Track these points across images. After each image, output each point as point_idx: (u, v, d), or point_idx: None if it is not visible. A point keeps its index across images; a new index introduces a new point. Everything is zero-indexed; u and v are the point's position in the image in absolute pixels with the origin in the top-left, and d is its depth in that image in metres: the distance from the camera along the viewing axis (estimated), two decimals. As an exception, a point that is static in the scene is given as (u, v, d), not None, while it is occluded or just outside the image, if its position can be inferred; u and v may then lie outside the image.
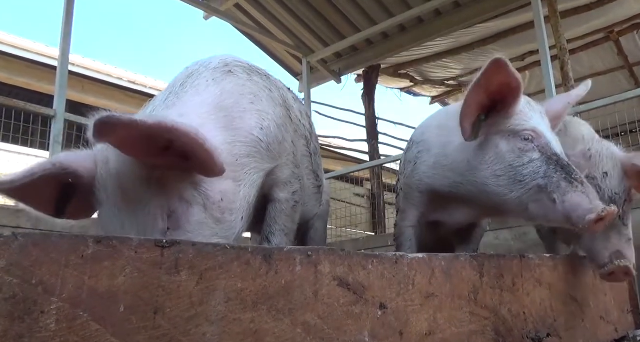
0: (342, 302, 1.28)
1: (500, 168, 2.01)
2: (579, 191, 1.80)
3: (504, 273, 1.81)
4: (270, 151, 1.94)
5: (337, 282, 1.28)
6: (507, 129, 2.04)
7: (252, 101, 1.96)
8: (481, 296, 1.68)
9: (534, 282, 1.94)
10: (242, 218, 1.74)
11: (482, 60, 8.74)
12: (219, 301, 1.05)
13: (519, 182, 1.95)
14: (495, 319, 1.71)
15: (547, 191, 1.87)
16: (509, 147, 2.01)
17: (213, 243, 1.08)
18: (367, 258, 1.37)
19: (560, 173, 1.88)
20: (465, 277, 1.65)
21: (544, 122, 2.08)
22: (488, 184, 2.06)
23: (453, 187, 2.25)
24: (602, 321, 2.37)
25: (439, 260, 1.58)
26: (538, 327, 1.91)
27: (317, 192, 2.67)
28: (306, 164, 2.43)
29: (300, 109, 2.55)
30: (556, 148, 1.98)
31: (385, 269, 1.41)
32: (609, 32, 8.27)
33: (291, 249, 1.21)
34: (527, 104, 2.10)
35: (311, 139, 2.55)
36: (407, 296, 1.44)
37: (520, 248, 5.16)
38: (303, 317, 1.19)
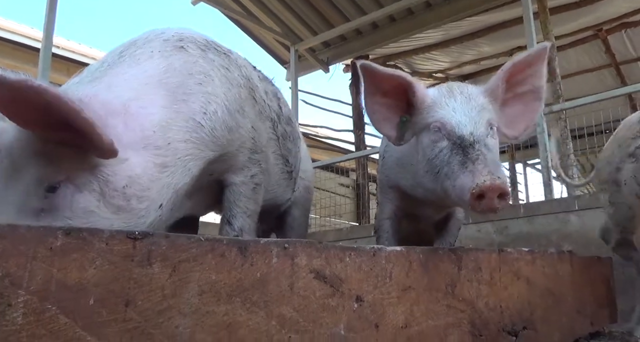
0: (319, 294, 1.27)
1: (426, 164, 1.94)
2: (467, 171, 1.67)
3: (482, 266, 1.82)
4: (215, 138, 1.82)
5: (314, 274, 1.28)
6: (423, 124, 1.98)
7: (201, 82, 1.83)
8: (458, 289, 1.69)
9: (512, 276, 1.96)
10: (159, 206, 1.62)
11: (470, 54, 8.81)
12: (192, 294, 1.04)
13: (436, 175, 1.85)
14: (471, 312, 1.73)
15: (447, 177, 1.78)
16: (426, 142, 1.95)
17: (187, 235, 1.07)
18: (345, 251, 1.37)
19: (458, 156, 1.75)
20: (443, 270, 1.66)
21: (466, 106, 1.92)
22: (424, 184, 2.01)
23: (412, 189, 2.22)
24: (578, 314, 2.39)
25: (417, 253, 1.58)
26: (514, 321, 1.92)
27: (288, 177, 2.59)
28: (273, 148, 2.35)
29: (268, 89, 2.43)
30: (463, 130, 1.84)
31: (362, 262, 1.41)
32: (598, 30, 8.30)
33: (268, 241, 1.20)
34: (447, 91, 2.00)
35: (279, 121, 2.44)
36: (384, 288, 1.45)
37: (501, 241, 5.20)
38: (278, 310, 1.18)
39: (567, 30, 8.04)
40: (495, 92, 2.01)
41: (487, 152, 1.73)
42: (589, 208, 4.76)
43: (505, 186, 1.58)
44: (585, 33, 8.38)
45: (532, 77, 2.07)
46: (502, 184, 1.57)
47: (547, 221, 5.00)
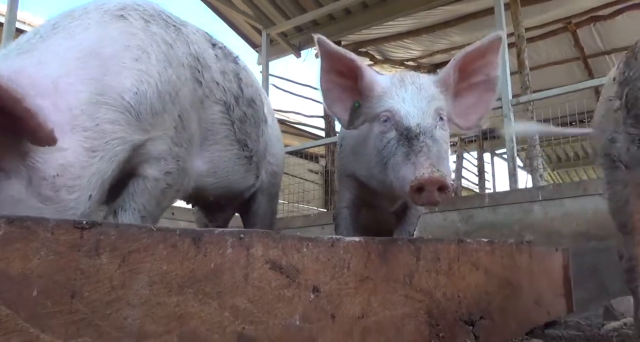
0: (274, 285, 1.27)
1: (376, 155, 1.90)
2: (410, 163, 1.65)
3: (441, 257, 1.83)
4: (140, 121, 1.69)
5: (270, 265, 1.27)
6: (373, 113, 1.95)
7: (137, 57, 1.69)
8: (416, 280, 1.71)
9: (470, 266, 1.98)
10: (89, 197, 1.52)
11: (442, 43, 8.84)
12: (142, 285, 1.02)
13: (385, 166, 1.82)
14: (429, 302, 1.74)
15: (393, 169, 1.75)
16: (376, 132, 1.92)
17: (138, 225, 1.05)
18: (302, 241, 1.36)
19: (403, 148, 1.72)
20: (401, 260, 1.67)
21: (416, 96, 1.89)
22: (375, 174, 1.97)
23: (367, 179, 2.17)
24: (535, 304, 2.44)
25: (376, 244, 1.58)
26: (472, 310, 1.95)
27: (247, 163, 2.49)
28: (224, 133, 2.24)
29: (228, 68, 2.30)
30: (410, 121, 1.80)
31: (320, 253, 1.41)
32: (567, 23, 8.42)
33: (222, 231, 1.19)
34: (399, 80, 1.96)
35: (237, 104, 2.32)
36: (342, 279, 1.45)
37: (467, 230, 5.28)
38: (232, 301, 1.17)
39: (538, 22, 8.13)
40: (447, 82, 1.98)
41: (433, 144, 1.70)
42: (552, 199, 4.86)
43: (445, 179, 1.56)
44: (555, 26, 8.49)
45: (485, 67, 2.05)
46: (441, 177, 1.55)
47: (511, 211, 5.09)
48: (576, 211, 4.74)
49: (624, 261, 2.52)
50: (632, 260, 2.48)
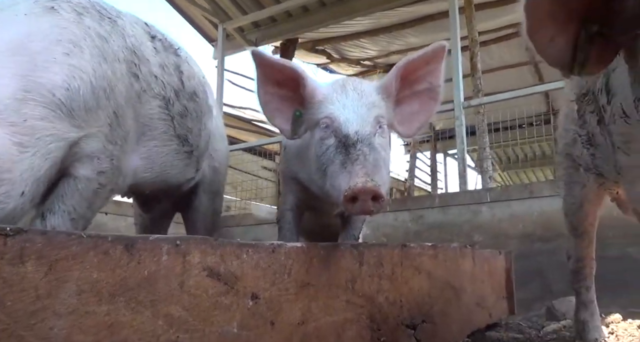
0: (211, 293, 1.25)
1: (316, 161, 1.88)
2: (345, 172, 1.63)
3: (384, 262, 1.85)
4: (73, 118, 1.64)
5: (207, 272, 1.25)
6: (314, 120, 1.93)
7: (69, 52, 1.63)
8: (359, 285, 1.71)
9: (413, 270, 2.00)
10: (21, 193, 1.47)
11: (398, 44, 8.91)
12: (70, 293, 0.99)
13: (324, 173, 1.79)
14: (371, 307, 1.75)
15: (330, 177, 1.73)
16: (316, 138, 1.90)
17: (67, 232, 1.01)
18: (242, 247, 1.35)
19: (341, 156, 1.70)
20: (344, 266, 1.67)
21: (357, 102, 1.88)
22: (315, 180, 1.95)
23: (309, 183, 2.15)
24: (477, 307, 2.49)
25: (318, 249, 1.58)
26: (414, 314, 1.97)
27: (187, 157, 2.45)
28: (163, 129, 2.20)
29: (168, 61, 2.25)
30: (349, 128, 1.78)
31: (260, 259, 1.39)
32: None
33: (158, 237, 1.16)
34: (340, 87, 1.95)
35: (177, 98, 2.27)
36: (282, 285, 1.44)
37: (417, 230, 5.35)
38: (166, 309, 1.15)
39: (491, 26, 8.28)
40: (389, 89, 1.97)
41: (370, 152, 1.69)
42: (500, 200, 4.97)
43: (378, 189, 1.54)
44: (508, 30, 8.65)
45: (429, 76, 2.05)
46: (375, 187, 1.54)
47: (460, 212, 5.17)
48: (523, 213, 4.85)
49: (572, 262, 2.59)
50: (580, 261, 2.56)
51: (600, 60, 1.20)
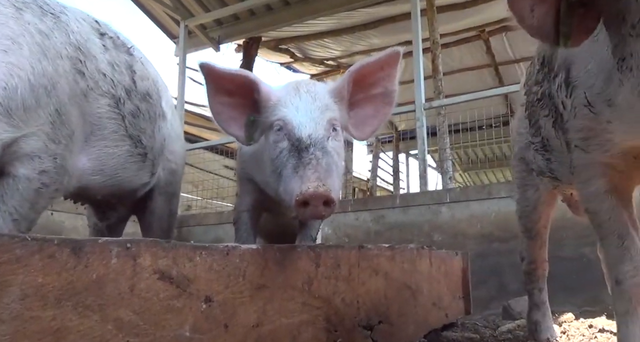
0: (162, 296, 1.23)
1: (270, 164, 1.88)
2: (297, 176, 1.64)
3: (341, 263, 1.85)
4: (11, 118, 1.59)
5: (159, 275, 1.23)
6: (267, 123, 1.93)
7: (7, 49, 1.58)
8: (315, 286, 1.71)
9: (370, 272, 2.01)
10: None
11: (361, 45, 8.96)
12: (13, 298, 0.96)
13: (279, 176, 1.79)
14: (327, 309, 1.75)
15: (283, 181, 1.74)
16: (269, 142, 1.90)
17: (11, 234, 0.98)
18: (195, 250, 1.33)
19: (293, 159, 1.71)
20: (300, 267, 1.67)
21: (310, 105, 1.88)
22: (270, 182, 1.94)
23: (265, 185, 2.16)
24: (434, 307, 2.52)
25: (274, 251, 1.57)
26: (370, 315, 1.98)
27: (140, 160, 2.40)
28: (113, 128, 2.15)
29: (119, 60, 2.20)
30: (302, 131, 1.78)
31: (214, 261, 1.38)
32: (481, 31, 8.74)
33: (107, 240, 1.14)
34: (294, 89, 1.95)
35: (128, 97, 2.22)
36: (236, 288, 1.43)
37: (378, 230, 5.39)
38: (115, 313, 1.13)
39: (452, 29, 8.40)
40: (342, 92, 1.98)
41: (323, 156, 1.69)
42: (459, 201, 5.04)
43: (330, 194, 1.55)
44: (469, 33, 8.80)
45: (384, 80, 2.06)
46: (326, 192, 1.54)
47: (420, 212, 5.23)
48: (481, 213, 4.94)
49: (525, 263, 2.65)
50: (532, 263, 2.61)
51: (583, 30, 1.23)
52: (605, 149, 1.63)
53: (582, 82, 1.58)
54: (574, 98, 1.63)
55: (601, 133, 1.60)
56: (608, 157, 1.65)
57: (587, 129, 1.64)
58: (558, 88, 1.74)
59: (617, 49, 1.23)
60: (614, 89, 1.40)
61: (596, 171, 1.71)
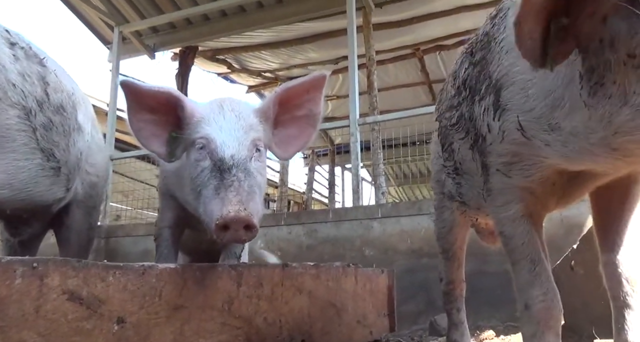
0: (71, 317, 1.18)
1: (190, 181, 1.87)
2: (218, 198, 1.63)
3: (264, 282, 1.83)
4: None
5: (67, 296, 1.18)
6: (189, 140, 1.92)
7: None
8: (236, 306, 1.69)
9: (294, 290, 2.00)
10: None
11: (299, 58, 9.00)
12: None
13: (199, 194, 1.77)
14: (248, 329, 1.73)
15: (203, 201, 1.72)
16: (191, 159, 1.89)
17: None
18: (108, 269, 1.29)
19: (215, 180, 1.70)
20: (221, 287, 1.64)
21: (234, 124, 1.89)
22: (189, 200, 1.94)
23: (185, 202, 2.14)
24: (358, 324, 2.53)
25: (194, 270, 1.55)
26: (293, 334, 1.97)
27: (54, 174, 2.34)
28: (23, 140, 2.10)
29: (30, 71, 2.15)
30: (225, 151, 1.78)
31: (129, 281, 1.34)
32: (415, 49, 8.93)
33: (11, 260, 1.09)
34: (218, 107, 1.95)
35: (40, 109, 2.17)
36: (152, 308, 1.39)
37: (310, 244, 5.39)
38: (18, 335, 1.08)
39: (388, 46, 8.55)
40: (267, 113, 2.00)
41: (245, 178, 1.69)
42: (390, 216, 5.11)
43: (251, 219, 1.55)
44: (404, 51, 8.98)
45: (309, 103, 2.09)
46: (247, 217, 1.54)
47: (353, 226, 5.26)
48: (411, 229, 5.01)
49: (443, 283, 2.70)
50: (450, 284, 2.66)
51: (561, 53, 1.26)
52: (527, 174, 1.66)
53: (516, 105, 1.57)
54: (504, 121, 1.63)
55: (528, 157, 1.62)
56: (528, 182, 1.68)
57: (512, 154, 1.66)
58: (484, 111, 1.74)
59: (594, 74, 1.23)
60: (563, 114, 1.40)
61: (514, 195, 1.74)
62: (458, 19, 7.85)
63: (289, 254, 5.12)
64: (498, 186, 1.78)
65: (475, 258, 4.04)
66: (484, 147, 1.79)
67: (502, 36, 1.63)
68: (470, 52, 1.92)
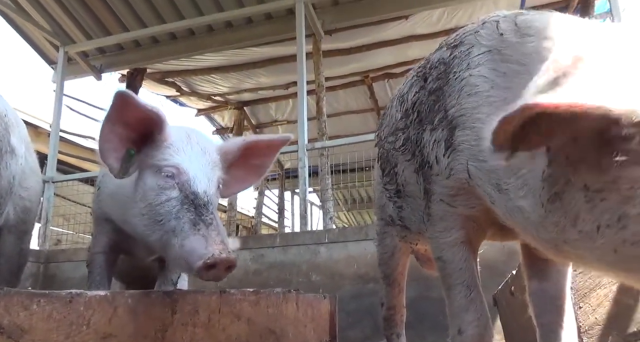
0: (-11, 348, 1.13)
1: (144, 206, 1.85)
2: (199, 235, 1.67)
3: (200, 309, 1.80)
4: None
5: (-14, 326, 1.13)
6: (153, 164, 1.90)
7: None
8: (170, 334, 1.65)
9: (232, 317, 1.97)
10: None
11: (249, 82, 9.02)
12: None
13: (157, 223, 1.78)
14: (182, 357, 1.69)
15: (174, 233, 1.73)
16: (152, 184, 1.87)
17: None
18: (33, 297, 1.25)
19: (190, 214, 1.73)
20: (154, 315, 1.60)
21: (202, 158, 1.93)
22: (136, 224, 1.92)
23: (123, 223, 2.12)
24: (300, 351, 2.50)
25: (125, 298, 1.51)
26: (230, 362, 1.93)
27: None
28: None
29: None
30: (199, 186, 1.82)
31: (54, 309, 1.30)
32: (365, 76, 9.10)
33: None
34: (186, 137, 1.97)
35: None
36: (79, 337, 1.35)
37: (257, 269, 5.35)
38: None
39: (338, 72, 8.68)
40: (229, 154, 2.06)
41: (216, 215, 1.75)
42: (337, 241, 5.13)
43: (235, 260, 1.64)
44: (353, 78, 9.13)
45: (265, 156, 2.21)
46: (234, 259, 1.64)
47: (300, 251, 5.25)
48: (358, 254, 5.03)
49: (384, 309, 2.71)
50: (391, 309, 2.68)
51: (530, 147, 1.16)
52: (472, 204, 1.68)
53: (469, 150, 1.57)
54: (453, 160, 1.63)
55: (473, 192, 1.62)
56: (473, 211, 1.70)
57: (457, 188, 1.67)
58: (434, 142, 1.73)
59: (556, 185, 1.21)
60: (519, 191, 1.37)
61: (456, 222, 1.75)
62: (407, 47, 8.06)
63: (234, 279, 5.05)
64: (440, 213, 1.79)
65: (419, 284, 4.09)
66: (429, 175, 1.79)
67: (464, 75, 1.61)
68: (423, 77, 1.92)
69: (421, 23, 7.54)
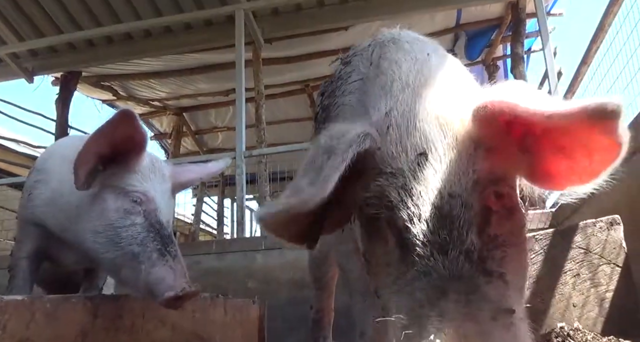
0: None
1: (102, 224, 1.92)
2: (167, 265, 1.81)
3: (124, 314, 1.81)
4: None
5: None
6: (120, 186, 1.96)
7: None
8: (91, 339, 1.66)
9: (157, 322, 1.99)
10: None
11: (188, 88, 8.94)
12: None
13: (116, 244, 1.86)
14: (104, 362, 1.70)
15: (138, 259, 1.82)
16: (115, 205, 1.93)
17: None
18: (-56, 302, 1.24)
19: (156, 243, 1.83)
20: (74, 319, 1.61)
21: (162, 186, 2.02)
22: (86, 238, 1.97)
23: (62, 231, 2.15)
24: (229, 355, 2.53)
25: (44, 302, 1.51)
26: (155, 367, 1.95)
27: None
28: None
29: None
30: (163, 216, 1.93)
31: (-33, 315, 1.29)
32: (305, 85, 9.17)
33: None
34: (151, 164, 2.05)
35: None
36: (-6, 343, 1.34)
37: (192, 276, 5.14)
38: None
39: (279, 81, 8.72)
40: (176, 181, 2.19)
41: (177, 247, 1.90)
42: (273, 248, 5.15)
43: (199, 293, 1.81)
44: (293, 86, 9.20)
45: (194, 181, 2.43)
46: (199, 291, 1.81)
47: (236, 258, 5.25)
48: (294, 260, 5.07)
49: (313, 312, 2.76)
50: (320, 312, 2.74)
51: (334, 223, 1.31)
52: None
53: None
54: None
55: None
56: None
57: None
58: None
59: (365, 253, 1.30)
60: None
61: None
62: (347, 57, 8.16)
63: (169, 287, 5.00)
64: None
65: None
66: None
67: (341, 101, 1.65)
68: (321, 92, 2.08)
69: (361, 34, 7.68)
